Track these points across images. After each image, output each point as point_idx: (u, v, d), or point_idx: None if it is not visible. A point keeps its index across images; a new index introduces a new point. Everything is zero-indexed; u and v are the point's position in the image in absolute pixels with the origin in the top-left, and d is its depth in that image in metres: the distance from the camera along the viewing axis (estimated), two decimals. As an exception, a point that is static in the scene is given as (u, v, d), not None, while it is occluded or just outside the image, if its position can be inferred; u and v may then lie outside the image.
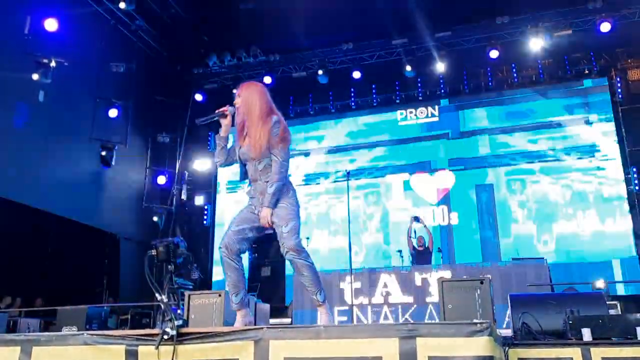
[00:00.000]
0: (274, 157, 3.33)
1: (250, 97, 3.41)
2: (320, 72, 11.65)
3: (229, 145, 3.53)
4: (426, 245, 9.23)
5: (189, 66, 12.35)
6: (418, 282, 7.45)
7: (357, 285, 7.54)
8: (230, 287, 3.40)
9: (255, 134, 3.33)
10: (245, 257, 12.92)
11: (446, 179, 11.83)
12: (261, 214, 3.32)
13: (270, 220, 3.31)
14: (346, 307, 7.42)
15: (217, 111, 3.44)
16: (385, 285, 7.45)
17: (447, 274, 7.43)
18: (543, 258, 7.47)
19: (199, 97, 12.50)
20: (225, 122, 3.44)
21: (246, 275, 3.58)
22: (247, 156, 3.39)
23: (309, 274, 3.32)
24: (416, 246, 9.22)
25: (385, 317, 7.35)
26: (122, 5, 10.08)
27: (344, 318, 7.33)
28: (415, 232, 9.50)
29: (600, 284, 8.33)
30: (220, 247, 3.40)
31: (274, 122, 3.35)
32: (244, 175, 3.51)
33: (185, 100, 12.30)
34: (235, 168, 13.24)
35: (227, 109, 3.43)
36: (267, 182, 3.33)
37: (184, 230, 12.81)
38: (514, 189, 11.40)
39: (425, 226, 9.81)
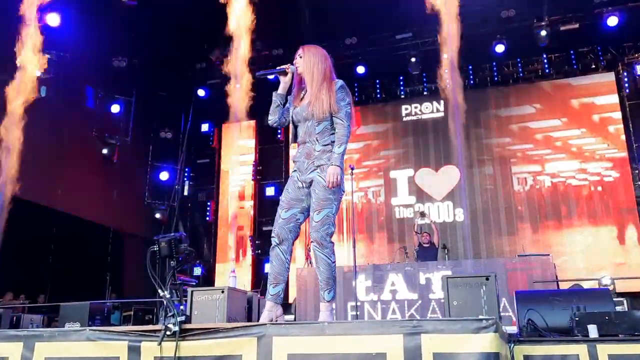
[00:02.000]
0: (339, 121, 3.32)
1: (313, 58, 3.44)
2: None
3: (284, 105, 3.52)
4: (432, 242, 9.21)
5: (192, 61, 12.34)
6: (422, 281, 7.48)
7: (368, 283, 7.60)
8: (271, 277, 3.33)
9: (319, 94, 3.33)
10: (249, 253, 12.90)
11: (452, 174, 11.80)
12: (329, 172, 3.22)
13: (337, 180, 3.24)
14: (357, 303, 7.48)
15: (278, 67, 3.44)
16: (393, 284, 7.51)
17: (450, 272, 7.42)
18: (549, 254, 7.45)
19: (201, 92, 12.51)
20: (285, 80, 3.43)
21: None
22: (304, 116, 3.36)
23: (326, 270, 3.28)
24: (422, 242, 9.20)
25: (393, 312, 7.40)
26: (124, -1, 10.09)
27: (357, 313, 7.40)
28: (421, 228, 9.49)
29: (606, 280, 8.30)
30: (272, 237, 3.34)
31: (340, 85, 3.41)
32: (293, 137, 3.44)
33: (187, 96, 12.30)
34: (238, 168, 13.25)
35: (289, 67, 3.44)
36: (322, 145, 3.30)
37: (186, 226, 12.85)
38: (520, 185, 11.37)
39: (432, 222, 9.80)
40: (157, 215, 12.41)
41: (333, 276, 3.31)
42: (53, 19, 9.41)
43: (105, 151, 11.35)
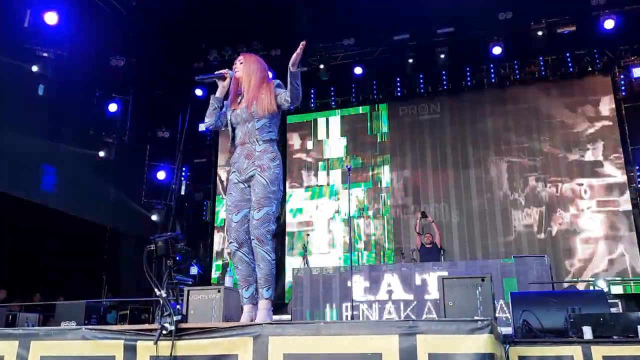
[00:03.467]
0: (280, 95, 3.48)
1: (253, 65, 3.60)
2: (321, 66, 11.63)
3: (220, 109, 3.66)
4: (434, 242, 9.23)
5: (189, 61, 12.32)
6: (418, 282, 7.51)
7: (366, 284, 7.63)
8: (240, 281, 3.44)
9: (259, 95, 3.49)
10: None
11: (447, 176, 11.82)
12: (295, 59, 3.30)
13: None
14: (355, 303, 7.53)
15: (216, 72, 3.59)
16: (389, 285, 7.53)
17: (446, 272, 7.44)
18: (544, 256, 7.47)
19: (199, 92, 12.48)
20: (223, 84, 3.59)
21: None
22: (244, 117, 3.50)
23: (265, 267, 3.33)
24: (424, 243, 9.22)
25: (389, 313, 7.41)
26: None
27: (355, 313, 7.42)
28: (423, 228, 9.52)
29: (601, 282, 8.33)
30: (230, 242, 3.45)
31: (277, 83, 3.58)
32: (232, 140, 3.50)
33: (185, 95, 12.27)
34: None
35: (227, 72, 3.60)
36: (263, 143, 3.44)
37: (183, 225, 12.83)
38: (516, 186, 11.40)
39: (433, 222, 9.83)
40: (154, 216, 12.38)
41: (272, 273, 3.36)
42: (51, 18, 9.38)
43: (102, 150, 11.32)
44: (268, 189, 3.37)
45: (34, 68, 9.58)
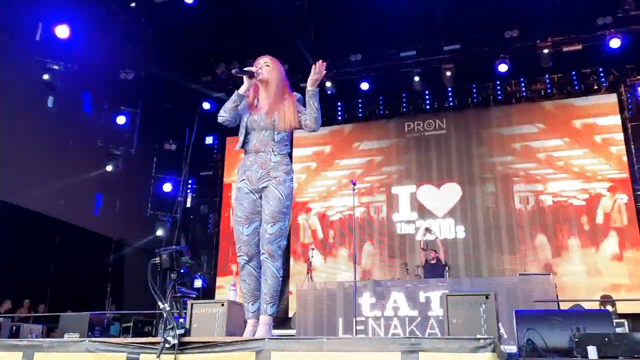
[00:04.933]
0: (303, 118, 3.44)
1: (279, 70, 3.53)
2: (328, 83, 11.67)
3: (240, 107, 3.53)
4: (439, 258, 9.19)
5: (198, 74, 12.43)
6: (422, 299, 7.49)
7: (373, 300, 7.68)
8: (247, 295, 3.36)
9: (281, 106, 3.43)
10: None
11: (453, 191, 11.81)
12: (314, 79, 3.34)
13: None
14: (362, 318, 7.56)
15: (249, 69, 3.46)
16: (395, 301, 7.55)
17: (450, 289, 7.40)
18: (549, 274, 7.42)
19: (206, 105, 12.57)
20: (250, 82, 3.45)
21: None
22: (262, 125, 3.40)
23: (273, 283, 3.29)
24: (429, 259, 9.18)
25: (395, 328, 7.41)
26: (132, 5, 10.18)
27: (360, 328, 7.39)
28: (427, 244, 9.48)
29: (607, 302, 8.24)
30: (240, 255, 3.35)
31: (298, 97, 3.54)
32: (242, 143, 3.42)
33: (192, 109, 12.36)
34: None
35: (258, 71, 3.47)
36: (279, 155, 3.38)
37: (188, 238, 12.85)
38: (522, 203, 11.35)
39: (437, 238, 9.79)
40: (159, 229, 12.40)
41: (278, 290, 3.33)
42: (62, 31, 9.50)
43: (109, 162, 11.40)
44: (283, 203, 3.31)
45: (45, 77, 9.67)
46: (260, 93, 3.53)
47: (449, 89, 12.05)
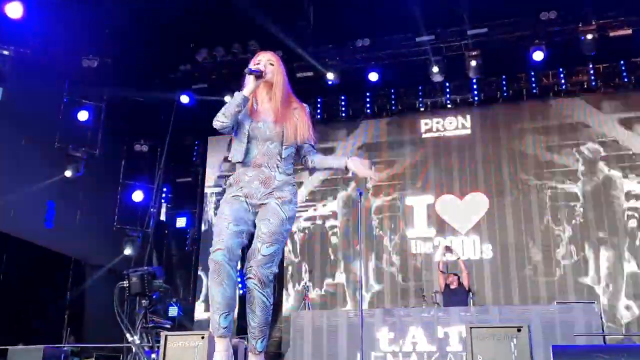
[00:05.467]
0: (311, 148, 3.56)
1: (282, 71, 3.53)
2: (329, 74, 11.67)
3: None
4: (461, 283, 9.20)
5: (175, 62, 12.46)
6: (440, 334, 7.51)
7: (391, 335, 7.77)
8: (222, 304, 3.20)
9: (290, 116, 3.46)
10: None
11: (478, 203, 11.81)
12: (356, 167, 3.42)
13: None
14: (381, 354, 7.66)
15: (257, 67, 3.43)
16: (413, 336, 7.60)
17: (475, 320, 7.39)
18: (594, 302, 7.42)
19: (185, 98, 12.59)
20: (256, 83, 3.42)
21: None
22: (267, 135, 3.40)
23: (262, 314, 3.27)
24: (449, 283, 9.19)
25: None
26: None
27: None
28: (447, 266, 9.49)
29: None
30: (218, 249, 3.19)
31: (309, 109, 3.59)
32: (244, 153, 3.38)
33: (168, 103, 12.39)
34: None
35: (265, 70, 3.45)
36: (285, 174, 3.40)
37: (162, 257, 12.83)
38: (560, 217, 11.35)
39: (459, 258, 9.79)
40: (128, 246, 12.39)
41: (269, 322, 3.32)
42: (14, 10, 9.48)
43: (68, 165, 11.39)
44: (285, 225, 3.32)
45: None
46: (261, 96, 3.52)
47: (474, 80, 12.08)
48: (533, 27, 10.92)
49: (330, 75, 11.72)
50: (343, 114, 13.02)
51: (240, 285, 6.44)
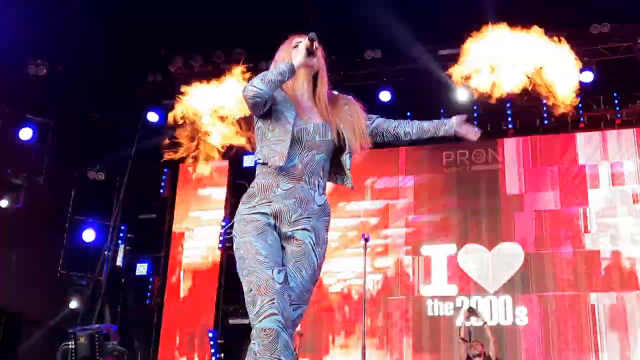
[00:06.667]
0: (380, 120, 3.65)
1: (323, 62, 3.52)
2: (333, 92, 11.71)
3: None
4: (487, 354, 9.12)
5: (142, 71, 12.51)
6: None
7: None
8: None
9: (345, 118, 3.45)
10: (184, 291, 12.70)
11: (512, 256, 11.76)
12: (467, 132, 3.64)
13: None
14: None
15: (314, 45, 3.31)
16: None
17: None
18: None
19: (153, 116, 12.61)
20: (306, 57, 3.29)
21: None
22: (316, 141, 3.29)
23: None
24: (472, 355, 9.10)
25: None
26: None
27: None
28: (470, 332, 9.41)
29: None
30: (272, 314, 2.90)
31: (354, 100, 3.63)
32: (283, 157, 3.16)
33: (132, 120, 12.40)
34: (200, 230, 13.19)
35: (318, 47, 3.36)
36: (323, 194, 3.32)
37: (116, 313, 12.69)
38: (619, 274, 11.29)
39: (486, 324, 9.71)
40: (74, 298, 12.24)
41: None
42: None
43: (5, 195, 11.34)
44: (316, 275, 3.22)
45: None
46: (300, 88, 3.43)
47: (508, 105, 12.13)
48: (580, 42, 11.01)
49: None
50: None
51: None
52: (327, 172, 3.38)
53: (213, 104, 8.45)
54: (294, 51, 3.32)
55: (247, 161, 12.55)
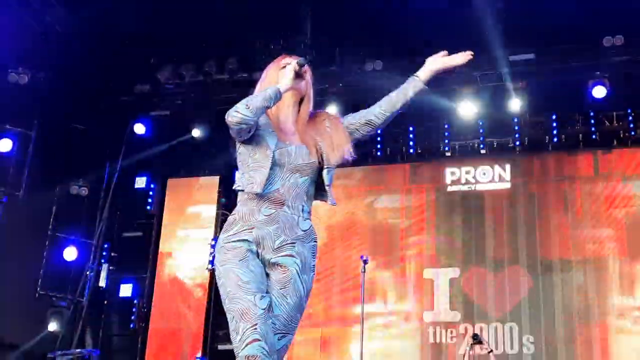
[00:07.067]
0: (352, 116, 3.73)
1: (310, 85, 3.63)
2: (331, 106, 11.57)
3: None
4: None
5: (130, 81, 12.54)
6: None
7: None
8: None
9: (323, 133, 3.56)
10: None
11: (519, 280, 11.79)
12: (443, 63, 3.70)
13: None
14: None
15: (303, 65, 3.45)
16: None
17: None
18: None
19: (140, 128, 12.63)
20: (294, 80, 3.41)
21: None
22: (298, 165, 3.36)
23: None
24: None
25: None
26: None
27: None
28: None
29: None
30: (255, 340, 2.95)
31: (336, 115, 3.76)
32: (265, 182, 3.24)
33: (118, 132, 12.42)
34: (189, 249, 13.23)
35: (307, 69, 3.51)
36: (308, 219, 3.41)
37: (98, 337, 12.67)
38: (625, 302, 11.32)
39: (491, 352, 9.72)
40: (54, 320, 12.24)
41: None
42: None
43: (-18, 210, 11.40)
44: (303, 304, 3.26)
45: None
46: (283, 111, 3.53)
47: (516, 120, 12.16)
48: (593, 55, 11.05)
49: (332, 109, 11.54)
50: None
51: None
52: (311, 196, 3.47)
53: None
54: (281, 72, 3.45)
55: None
